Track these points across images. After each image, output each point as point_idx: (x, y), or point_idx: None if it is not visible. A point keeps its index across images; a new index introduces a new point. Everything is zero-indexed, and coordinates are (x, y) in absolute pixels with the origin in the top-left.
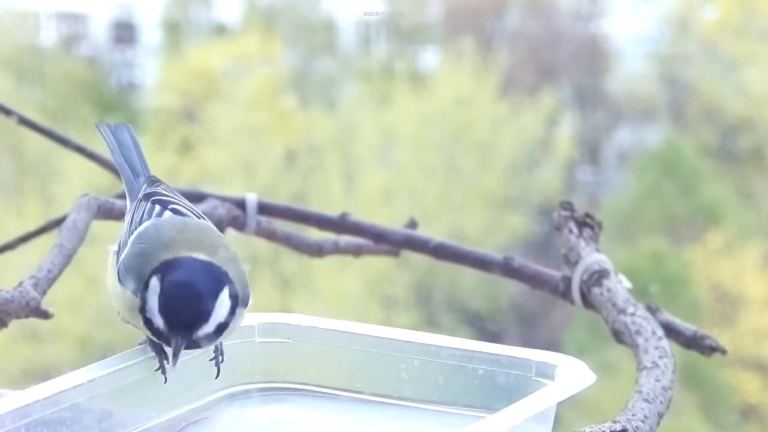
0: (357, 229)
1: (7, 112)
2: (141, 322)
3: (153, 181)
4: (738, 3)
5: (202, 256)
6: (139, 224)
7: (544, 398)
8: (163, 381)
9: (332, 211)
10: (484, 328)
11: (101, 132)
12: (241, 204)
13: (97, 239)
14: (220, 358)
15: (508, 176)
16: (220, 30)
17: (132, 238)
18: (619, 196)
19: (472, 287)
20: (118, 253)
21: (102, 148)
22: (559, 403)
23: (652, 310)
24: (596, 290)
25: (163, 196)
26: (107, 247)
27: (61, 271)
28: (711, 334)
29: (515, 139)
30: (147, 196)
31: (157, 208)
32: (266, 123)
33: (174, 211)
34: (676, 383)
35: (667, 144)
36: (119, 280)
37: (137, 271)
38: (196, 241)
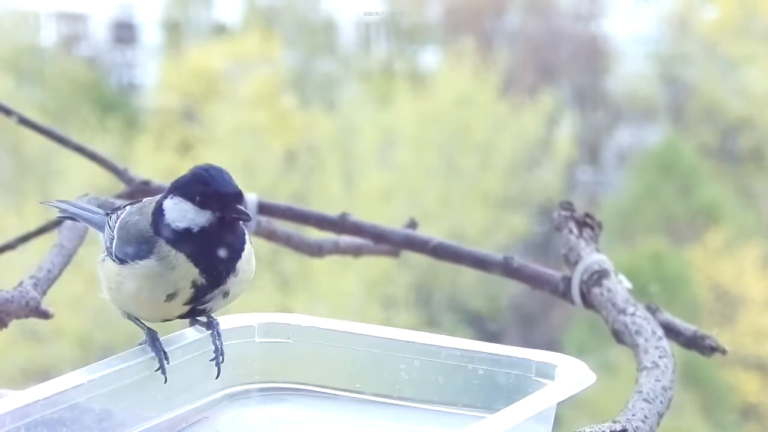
0: (357, 229)
1: (7, 112)
2: (159, 295)
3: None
4: (738, 3)
5: None
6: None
7: (544, 398)
8: (163, 381)
9: (332, 211)
10: (484, 328)
11: (53, 205)
12: None
13: (97, 239)
14: (221, 358)
15: (508, 176)
16: (220, 30)
17: (115, 232)
18: (619, 196)
19: (472, 287)
20: (107, 253)
21: (102, 148)
22: (559, 403)
23: (652, 310)
24: (596, 290)
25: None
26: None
27: (61, 271)
28: (711, 334)
29: (515, 139)
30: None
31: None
32: (266, 123)
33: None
34: (676, 383)
35: (667, 144)
36: (117, 259)
37: (135, 232)
38: None
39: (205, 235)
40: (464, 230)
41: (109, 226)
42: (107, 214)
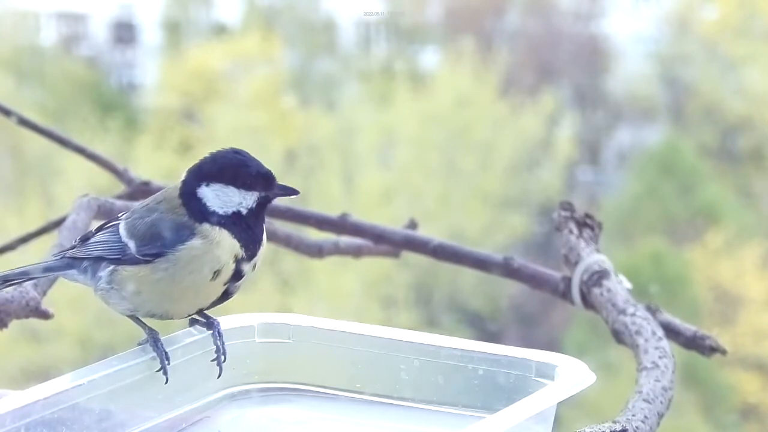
0: (357, 230)
1: (7, 112)
2: (206, 273)
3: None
4: (738, 3)
5: None
6: (110, 241)
7: (544, 398)
8: (164, 381)
9: (332, 211)
10: (484, 328)
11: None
12: None
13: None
14: (222, 357)
15: (508, 176)
16: (220, 30)
17: (127, 238)
18: (619, 196)
19: (472, 287)
20: (117, 263)
21: (102, 148)
22: (559, 403)
23: (652, 310)
24: (596, 290)
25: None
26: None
27: None
28: (711, 334)
29: (515, 139)
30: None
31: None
32: (266, 123)
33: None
34: (676, 383)
35: (667, 144)
36: (144, 258)
37: (166, 224)
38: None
39: (251, 214)
40: (464, 230)
41: (106, 241)
42: (82, 241)
